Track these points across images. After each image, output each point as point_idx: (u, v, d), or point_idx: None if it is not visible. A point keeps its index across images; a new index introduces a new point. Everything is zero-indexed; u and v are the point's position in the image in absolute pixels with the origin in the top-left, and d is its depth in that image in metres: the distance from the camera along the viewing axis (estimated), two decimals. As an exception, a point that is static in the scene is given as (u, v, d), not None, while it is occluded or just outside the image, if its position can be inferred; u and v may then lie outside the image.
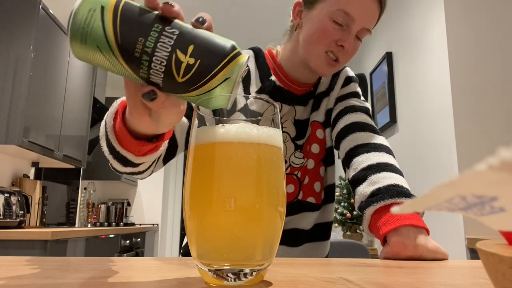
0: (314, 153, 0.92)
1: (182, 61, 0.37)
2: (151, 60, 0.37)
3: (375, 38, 3.39)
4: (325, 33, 0.80)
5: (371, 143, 0.82)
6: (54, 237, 2.22)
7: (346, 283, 0.35)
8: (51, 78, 2.87)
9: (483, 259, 0.22)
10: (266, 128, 0.37)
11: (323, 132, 0.94)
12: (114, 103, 0.58)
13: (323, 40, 0.80)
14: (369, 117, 0.91)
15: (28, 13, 2.61)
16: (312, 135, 0.92)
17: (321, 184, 0.94)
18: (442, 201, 0.17)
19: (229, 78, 0.38)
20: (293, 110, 0.91)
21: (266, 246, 0.36)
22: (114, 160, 0.61)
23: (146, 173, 0.73)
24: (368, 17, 0.80)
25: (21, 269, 0.43)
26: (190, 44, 0.37)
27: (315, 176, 0.93)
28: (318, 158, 0.93)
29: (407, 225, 0.66)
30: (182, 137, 0.80)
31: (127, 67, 0.38)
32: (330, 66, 0.83)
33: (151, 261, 0.55)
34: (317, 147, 0.93)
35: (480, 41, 2.15)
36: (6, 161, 2.86)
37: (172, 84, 0.38)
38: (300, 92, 0.92)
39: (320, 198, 0.94)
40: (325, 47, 0.81)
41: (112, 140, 0.56)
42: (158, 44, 0.37)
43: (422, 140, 2.50)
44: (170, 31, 0.37)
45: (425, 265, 0.55)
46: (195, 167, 0.36)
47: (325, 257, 0.97)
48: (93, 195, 4.42)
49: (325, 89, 0.96)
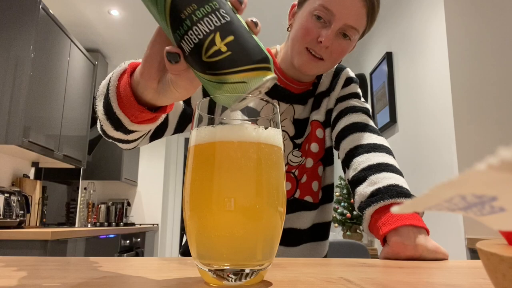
0: (313, 152, 0.92)
1: (216, 44, 0.38)
2: (191, 28, 0.38)
3: (375, 38, 3.39)
4: (305, 29, 0.80)
5: (371, 144, 0.82)
6: (54, 237, 2.22)
7: (346, 283, 0.35)
8: (51, 78, 2.87)
9: (483, 259, 0.22)
10: (266, 127, 0.37)
11: (323, 132, 0.94)
12: (122, 63, 0.56)
13: (304, 37, 0.81)
14: (369, 117, 0.91)
15: (28, 13, 2.61)
16: (311, 134, 0.92)
17: (319, 184, 0.94)
18: (442, 201, 0.17)
19: (245, 83, 0.39)
20: (292, 109, 0.92)
21: (266, 246, 0.35)
22: (107, 121, 0.57)
23: (132, 144, 0.70)
24: (351, 13, 0.78)
25: (21, 269, 0.43)
26: (231, 35, 0.39)
27: (313, 175, 0.93)
28: (317, 157, 0.93)
29: (406, 225, 0.66)
30: (174, 119, 0.80)
31: (169, 21, 0.40)
32: (312, 62, 0.82)
33: (151, 261, 0.55)
34: (316, 146, 0.92)
35: (480, 41, 2.15)
36: (6, 161, 2.86)
37: (196, 58, 0.39)
38: (298, 90, 0.92)
39: (317, 198, 0.94)
40: (306, 43, 0.81)
41: (112, 99, 0.53)
42: (205, 18, 0.38)
43: (422, 140, 2.50)
44: (222, 14, 0.39)
45: (425, 265, 0.55)
46: (195, 167, 0.36)
47: (323, 256, 0.97)
48: (93, 195, 4.42)
49: (325, 89, 0.96)
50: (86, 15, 3.49)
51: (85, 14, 3.47)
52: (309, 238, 0.93)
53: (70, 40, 3.13)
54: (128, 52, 4.18)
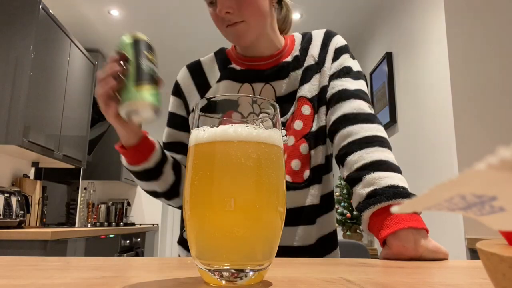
0: (296, 129, 0.87)
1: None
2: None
3: (375, 38, 3.39)
4: (212, 17, 0.86)
5: (363, 138, 0.79)
6: (54, 237, 2.22)
7: (346, 283, 0.35)
8: (51, 78, 2.87)
9: (483, 259, 0.22)
10: (266, 127, 0.37)
11: (310, 108, 0.88)
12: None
13: (216, 23, 0.86)
14: (361, 99, 0.86)
15: (28, 13, 2.61)
16: (296, 111, 0.87)
17: (302, 162, 0.87)
18: (442, 200, 0.17)
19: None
20: (270, 87, 0.89)
21: (266, 246, 0.35)
22: (137, 180, 0.88)
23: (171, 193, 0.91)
24: None
25: (21, 269, 0.43)
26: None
27: (293, 154, 0.86)
28: (299, 135, 0.87)
29: (406, 228, 0.66)
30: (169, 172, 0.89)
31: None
32: (235, 31, 0.83)
33: (151, 261, 0.55)
34: (300, 123, 0.87)
35: (480, 41, 2.15)
36: (6, 161, 2.86)
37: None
38: (266, 66, 0.90)
39: (300, 178, 0.86)
40: (221, 26, 0.85)
41: (124, 164, 0.84)
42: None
43: (422, 140, 2.50)
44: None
45: (425, 265, 0.55)
46: (195, 167, 0.36)
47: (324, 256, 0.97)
48: (93, 195, 4.41)
49: (314, 62, 0.91)
50: (86, 15, 3.49)
51: (85, 14, 3.47)
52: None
53: (70, 40, 3.13)
54: (128, 52, 4.17)
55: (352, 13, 3.40)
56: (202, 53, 1.05)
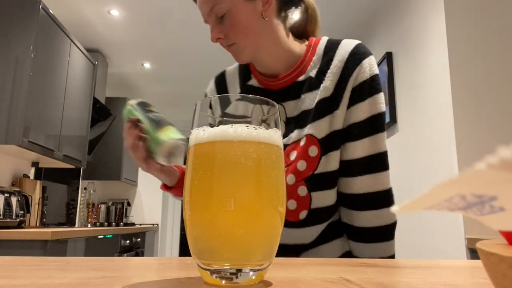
0: (299, 170, 0.80)
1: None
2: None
3: (375, 38, 3.39)
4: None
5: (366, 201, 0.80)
6: (54, 237, 2.22)
7: (346, 283, 0.35)
8: (51, 78, 2.87)
9: (483, 259, 0.22)
10: (266, 127, 0.37)
11: (317, 150, 0.80)
12: None
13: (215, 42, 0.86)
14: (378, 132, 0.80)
15: (28, 13, 2.61)
16: (303, 149, 0.80)
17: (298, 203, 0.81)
18: (442, 200, 0.17)
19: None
20: (281, 108, 0.86)
21: (266, 246, 0.35)
22: None
23: None
24: (201, 4, 0.82)
25: (21, 269, 0.43)
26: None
27: (290, 195, 0.80)
28: (300, 176, 0.80)
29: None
30: None
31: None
32: (231, 52, 0.84)
33: (151, 261, 0.55)
34: (303, 164, 0.79)
35: (480, 41, 2.15)
36: (6, 161, 2.86)
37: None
38: (276, 86, 0.87)
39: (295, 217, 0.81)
40: (221, 45, 0.86)
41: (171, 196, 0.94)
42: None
43: (422, 140, 2.50)
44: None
45: (425, 265, 0.55)
46: (195, 167, 0.36)
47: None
48: (93, 195, 4.42)
49: (328, 94, 0.81)
50: (86, 15, 3.49)
51: (85, 14, 3.47)
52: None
53: (70, 40, 3.13)
54: (128, 52, 4.18)
55: (352, 13, 3.40)
56: (202, 53, 1.06)
